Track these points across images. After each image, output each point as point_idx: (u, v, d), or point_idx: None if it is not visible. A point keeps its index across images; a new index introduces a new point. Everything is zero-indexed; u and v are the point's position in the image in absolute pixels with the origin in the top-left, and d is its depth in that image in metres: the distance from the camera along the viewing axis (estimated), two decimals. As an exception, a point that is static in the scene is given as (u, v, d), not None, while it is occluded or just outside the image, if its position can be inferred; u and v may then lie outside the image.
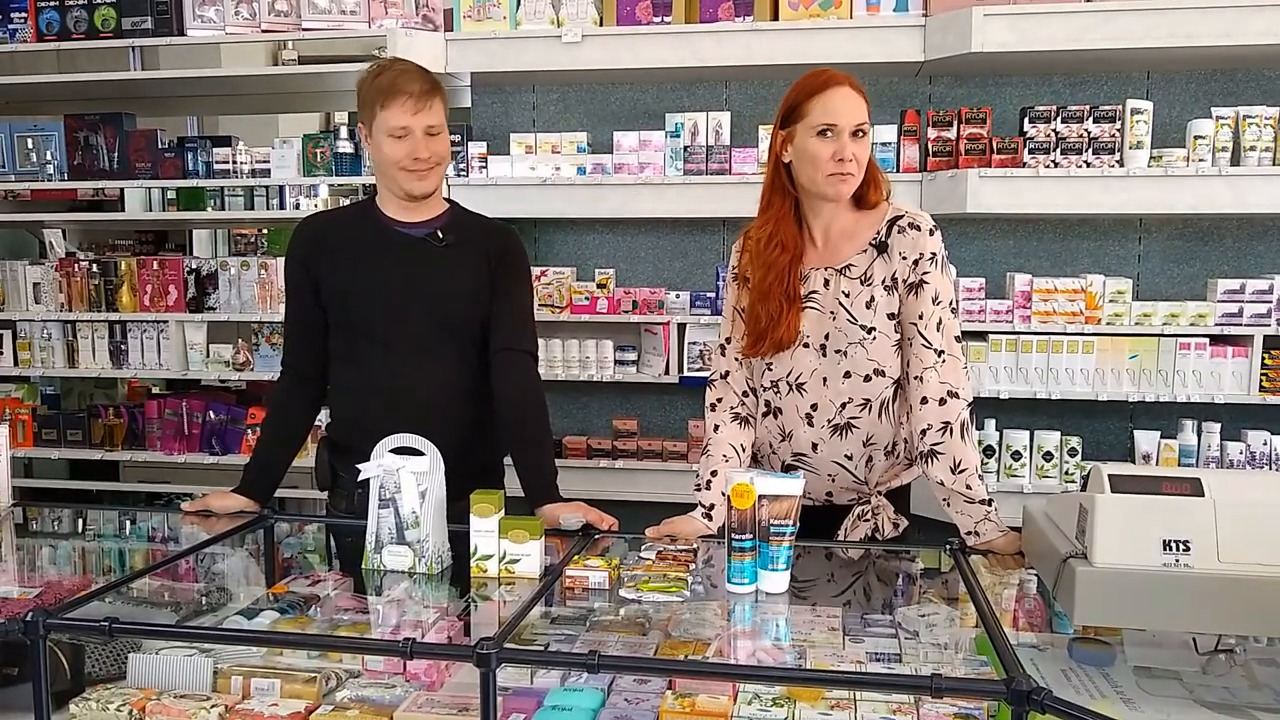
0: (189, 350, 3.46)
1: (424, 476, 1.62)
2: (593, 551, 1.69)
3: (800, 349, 1.78)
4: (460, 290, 1.90)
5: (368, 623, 1.51)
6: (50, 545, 2.05)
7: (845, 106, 1.66)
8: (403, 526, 1.63)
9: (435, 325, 1.90)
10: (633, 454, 3.22)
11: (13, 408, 3.58)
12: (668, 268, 3.39)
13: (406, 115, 1.79)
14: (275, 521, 1.97)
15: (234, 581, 1.82)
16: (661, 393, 3.35)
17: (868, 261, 1.75)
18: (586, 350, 3.24)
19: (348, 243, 1.91)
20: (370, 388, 1.91)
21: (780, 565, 1.52)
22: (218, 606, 1.61)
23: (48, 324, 3.55)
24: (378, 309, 1.88)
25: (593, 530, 1.80)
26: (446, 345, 1.91)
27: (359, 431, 1.80)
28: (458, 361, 1.92)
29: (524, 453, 1.88)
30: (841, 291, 1.76)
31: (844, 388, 1.77)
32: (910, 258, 1.72)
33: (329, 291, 1.92)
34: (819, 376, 1.78)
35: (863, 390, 1.77)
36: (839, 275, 1.76)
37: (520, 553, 1.58)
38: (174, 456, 3.46)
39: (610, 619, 1.44)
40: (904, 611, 1.52)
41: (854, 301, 1.75)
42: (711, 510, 1.82)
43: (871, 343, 1.74)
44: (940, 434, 1.71)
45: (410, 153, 1.81)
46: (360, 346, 1.92)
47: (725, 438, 1.87)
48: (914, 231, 1.73)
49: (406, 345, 1.89)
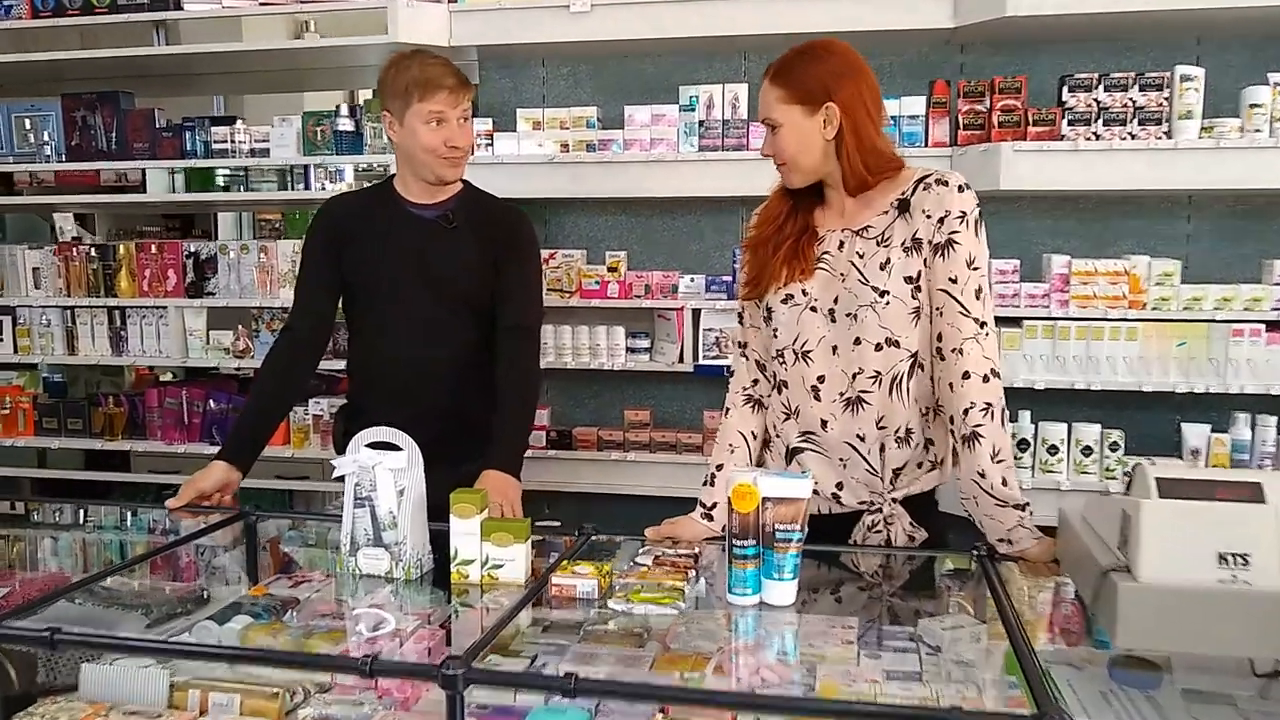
0: (188, 337, 3.42)
1: (402, 474, 1.52)
2: (587, 555, 1.58)
3: (807, 313, 1.67)
4: (466, 269, 2.02)
5: (344, 630, 1.42)
6: (25, 541, 2.00)
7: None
8: (379, 527, 1.53)
9: (443, 302, 2.02)
10: (645, 446, 3.14)
11: (13, 396, 3.55)
12: (682, 250, 3.28)
13: (446, 106, 1.93)
14: (257, 519, 1.90)
15: (215, 581, 1.75)
16: (675, 382, 3.26)
17: (887, 222, 1.64)
18: (597, 337, 3.15)
19: (368, 222, 2.06)
20: (384, 359, 2.06)
21: (787, 575, 1.40)
22: (193, 609, 1.54)
23: (47, 310, 3.52)
24: (391, 285, 2.02)
25: (590, 530, 1.69)
26: (454, 321, 2.03)
27: (374, 400, 2.05)
28: (465, 336, 2.04)
29: (496, 419, 1.94)
30: (855, 253, 1.64)
31: (854, 356, 1.65)
32: (935, 215, 1.59)
33: (350, 267, 2.05)
34: (827, 345, 1.66)
35: (874, 360, 1.64)
36: (855, 236, 1.66)
37: (504, 557, 1.48)
38: (174, 446, 3.41)
39: (605, 629, 1.35)
40: (925, 624, 1.40)
41: (867, 263, 1.63)
42: (714, 510, 1.71)
43: (884, 307, 1.61)
44: (984, 415, 1.57)
45: (447, 140, 1.95)
46: (375, 320, 2.07)
47: (733, 423, 1.78)
48: (940, 188, 1.60)
49: (416, 320, 2.02)
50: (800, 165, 1.65)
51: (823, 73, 1.60)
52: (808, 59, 1.62)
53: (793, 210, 1.71)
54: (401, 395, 2.01)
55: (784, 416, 1.74)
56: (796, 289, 1.68)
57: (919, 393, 1.66)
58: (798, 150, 1.64)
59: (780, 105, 1.63)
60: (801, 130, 1.62)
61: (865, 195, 1.66)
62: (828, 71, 1.60)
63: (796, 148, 1.64)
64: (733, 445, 1.75)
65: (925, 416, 1.67)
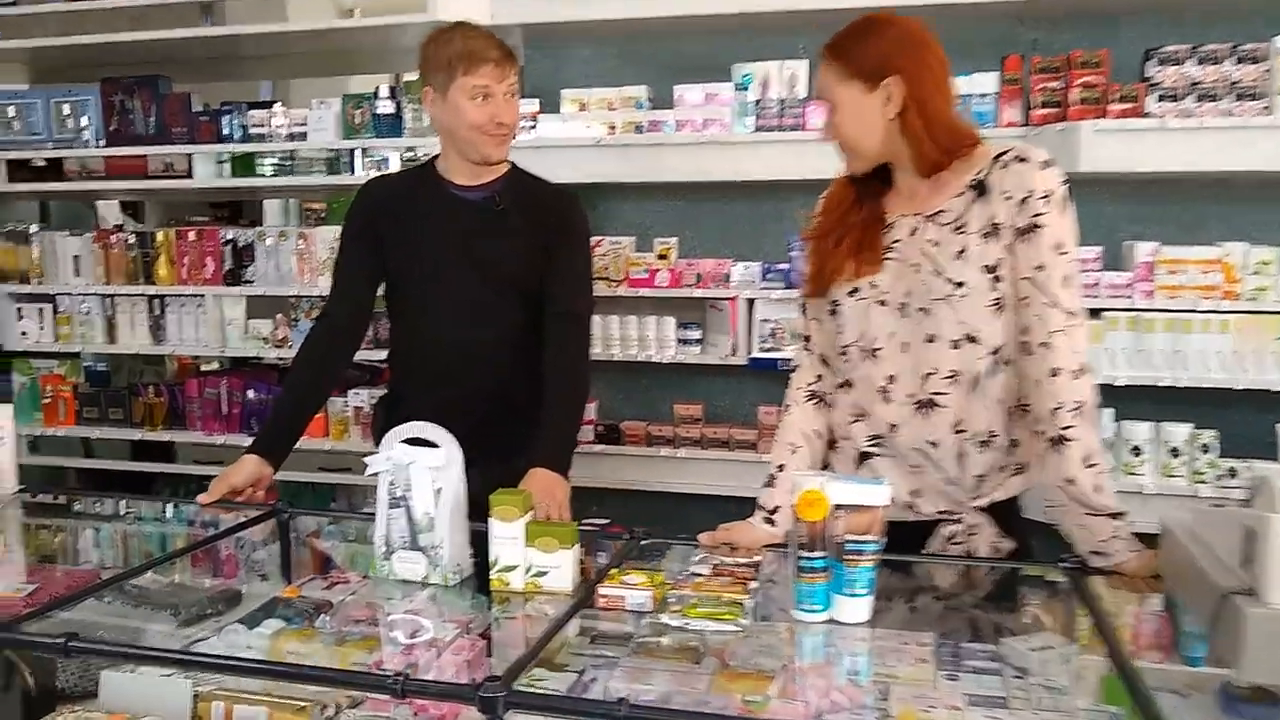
0: (227, 326, 3.39)
1: (439, 473, 1.45)
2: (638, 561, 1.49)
3: (875, 307, 1.56)
4: (514, 255, 1.96)
5: (378, 637, 1.35)
6: (55, 537, 1.96)
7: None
8: (416, 530, 1.45)
9: (489, 283, 1.95)
10: (696, 442, 3.04)
11: (54, 385, 3.56)
12: (736, 236, 3.16)
13: (492, 80, 1.85)
14: (291, 516, 1.84)
15: (248, 580, 1.70)
16: (728, 375, 3.15)
17: (963, 206, 1.51)
18: (646, 328, 3.05)
19: (410, 205, 1.99)
20: (426, 341, 2.00)
21: (860, 590, 1.29)
22: (224, 609, 1.50)
23: (87, 298, 3.52)
24: (434, 266, 1.96)
25: (640, 533, 1.60)
26: (500, 302, 1.97)
27: (415, 389, 2.01)
28: (512, 318, 1.98)
29: (544, 412, 1.87)
30: (928, 240, 1.53)
31: (926, 354, 1.53)
32: (1016, 196, 1.47)
33: (393, 253, 1.99)
34: (897, 341, 1.55)
35: (950, 359, 1.52)
36: (928, 222, 1.54)
37: (549, 564, 1.39)
38: (214, 437, 3.40)
39: (658, 642, 1.26)
40: (1009, 644, 1.29)
41: (942, 251, 1.51)
42: (774, 514, 1.61)
43: (960, 300, 1.49)
44: (1075, 415, 1.44)
45: (493, 116, 1.87)
46: (416, 302, 2.00)
47: (795, 421, 1.67)
48: (1020, 165, 1.48)
49: (461, 301, 1.96)
50: (861, 148, 1.53)
51: (882, 46, 1.49)
52: (865, 32, 1.51)
53: (858, 197, 1.61)
54: (444, 378, 1.96)
55: (852, 418, 1.62)
56: (864, 282, 1.57)
57: (1003, 391, 1.53)
58: (858, 131, 1.52)
59: (837, 83, 1.52)
60: (861, 109, 1.51)
61: (938, 177, 1.54)
62: (887, 45, 1.49)
63: (856, 129, 1.52)
64: (794, 445, 1.65)
65: (1010, 415, 1.55)
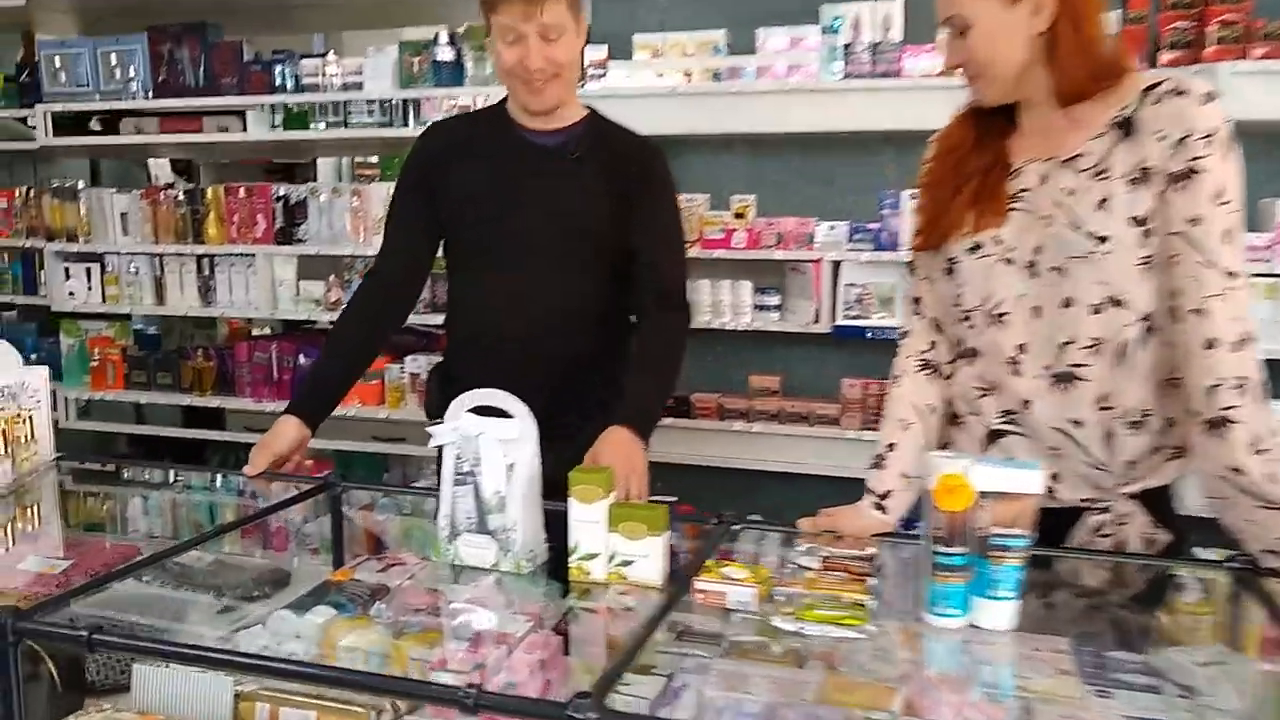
0: (277, 287, 3.31)
1: (512, 446, 1.30)
2: (731, 553, 1.32)
3: (999, 266, 1.37)
4: (592, 209, 1.79)
5: (440, 629, 1.21)
6: (95, 508, 1.91)
7: None
8: (485, 510, 1.31)
9: (563, 243, 1.79)
10: (773, 416, 2.93)
11: (102, 348, 3.51)
12: (821, 194, 3.00)
13: (519, 19, 1.65)
14: (343, 491, 1.69)
15: (297, 559, 1.63)
16: (810, 345, 3.02)
17: (1106, 148, 1.30)
18: (720, 292, 2.93)
19: (476, 150, 1.83)
20: (489, 307, 1.83)
21: (1005, 592, 1.12)
22: (271, 592, 1.43)
23: (135, 257, 3.48)
24: (502, 222, 1.80)
25: (730, 517, 1.43)
26: (575, 266, 1.80)
27: (475, 355, 1.84)
28: (590, 277, 1.81)
29: (631, 376, 1.73)
30: (1063, 189, 1.32)
31: (1063, 320, 1.33)
32: (1172, 135, 1.25)
33: (451, 200, 1.82)
34: (1026, 305, 1.36)
35: (1090, 325, 1.32)
36: (1062, 168, 1.33)
37: (635, 553, 1.24)
38: (263, 404, 3.33)
39: (755, 641, 1.12)
40: (1172, 657, 1.11)
41: (1080, 201, 1.31)
42: (885, 499, 1.44)
43: (1103, 257, 1.29)
44: (1237, 394, 1.23)
45: (520, 59, 1.67)
46: (480, 261, 1.84)
47: (906, 394, 1.50)
48: (1177, 100, 1.25)
49: (530, 263, 1.79)
50: (1001, 70, 1.33)
51: None
52: None
53: (979, 138, 1.42)
54: (509, 344, 1.77)
55: (979, 391, 1.43)
56: (986, 236, 1.38)
57: (1155, 363, 1.32)
58: (998, 51, 1.32)
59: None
60: (1002, 24, 1.30)
61: (1074, 113, 1.33)
62: None
63: (995, 48, 1.31)
64: (905, 420, 1.48)
65: (1164, 391, 1.34)
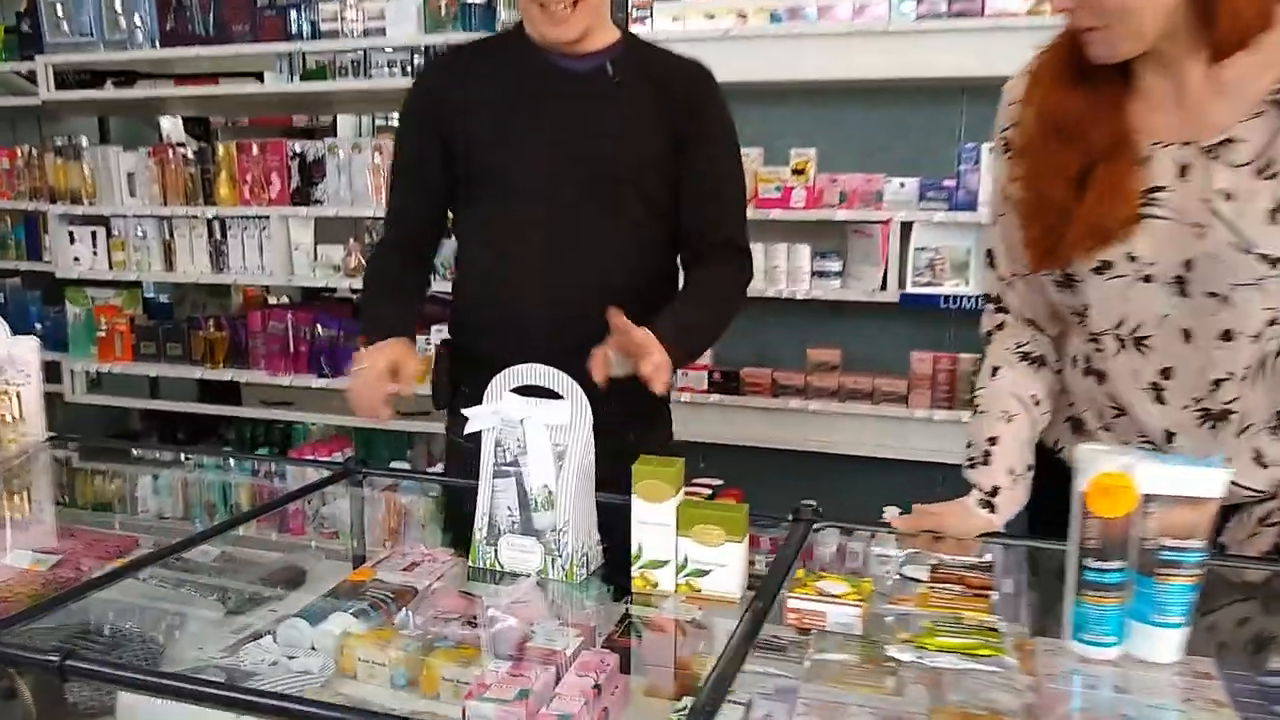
0: (294, 252, 3.17)
1: (563, 433, 1.12)
2: (815, 561, 1.15)
3: (1138, 284, 1.13)
4: (636, 142, 1.52)
5: (477, 643, 1.06)
6: (93, 494, 1.80)
7: None
8: (530, 507, 1.14)
9: (602, 186, 1.52)
10: (833, 394, 2.79)
11: (109, 317, 3.39)
12: (889, 148, 2.86)
13: None
14: (365, 477, 1.54)
15: (313, 554, 1.48)
16: (875, 315, 2.89)
17: (1266, 133, 1.05)
18: (775, 257, 2.79)
19: (490, 78, 1.57)
20: (510, 270, 1.54)
21: (1175, 617, 0.92)
22: (285, 592, 1.29)
23: (143, 220, 3.35)
24: (526, 163, 1.53)
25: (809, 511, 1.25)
26: (612, 214, 1.52)
27: (493, 329, 1.54)
28: (628, 237, 1.54)
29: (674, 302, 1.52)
30: (1217, 190, 1.07)
31: (1222, 354, 1.12)
32: None
33: (461, 142, 1.55)
34: (1173, 326, 1.13)
35: (1248, 354, 1.12)
36: (1209, 159, 1.07)
37: (711, 561, 1.07)
38: (279, 377, 3.20)
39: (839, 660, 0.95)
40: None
41: (1243, 210, 1.05)
42: (995, 498, 1.24)
43: (1277, 282, 1.06)
44: None
45: None
46: (498, 215, 1.55)
47: (1008, 385, 1.29)
48: None
49: (555, 211, 1.52)
50: (1143, 15, 1.04)
51: None
52: None
53: (1092, 109, 1.13)
54: (532, 321, 1.49)
55: (1099, 409, 1.24)
56: (1117, 253, 1.13)
57: None
58: None
59: None
60: None
61: (1221, 73, 1.07)
62: None
63: None
64: (1008, 412, 1.27)
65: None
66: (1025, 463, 1.23)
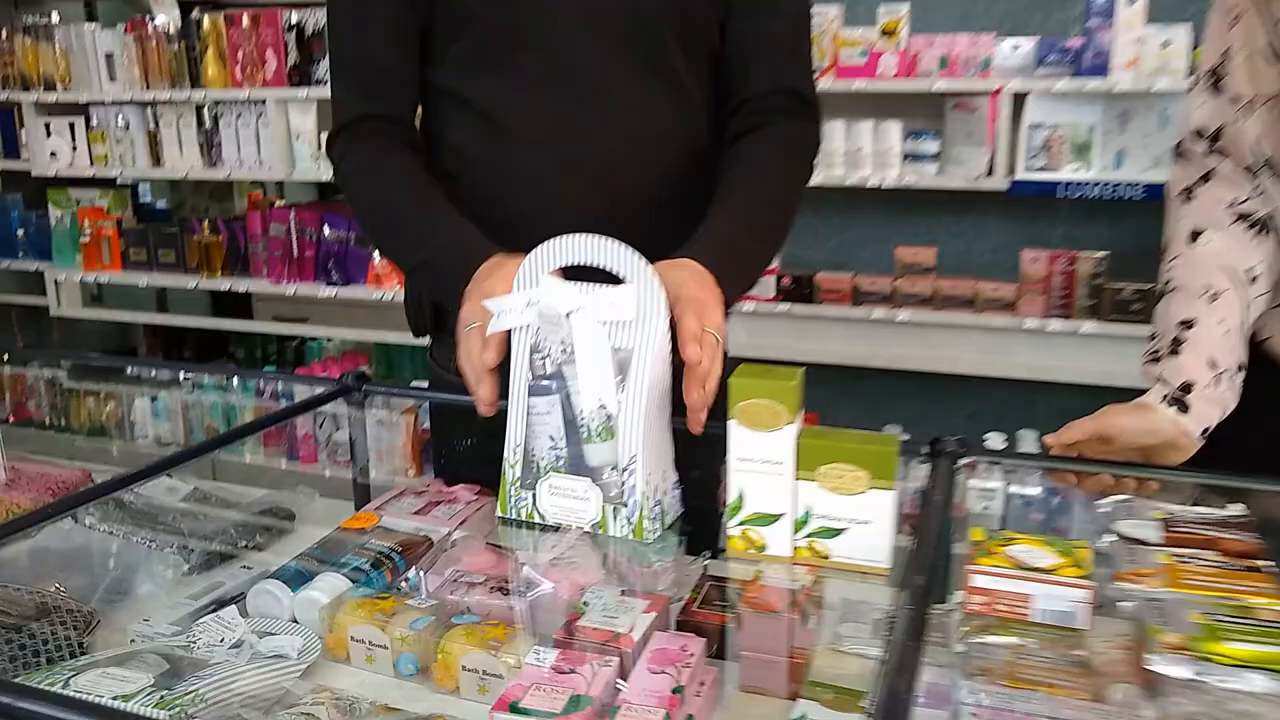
0: (294, 141, 2.91)
1: (627, 331, 0.83)
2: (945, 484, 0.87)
3: None
4: None
5: (511, 620, 0.84)
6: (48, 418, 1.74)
7: None
8: (582, 438, 0.85)
9: (632, 30, 1.17)
10: (926, 300, 2.57)
11: (93, 220, 3.18)
12: (997, 1, 2.58)
13: None
14: (366, 395, 1.26)
15: (301, 496, 1.24)
16: (978, 207, 2.67)
17: None
18: (858, 137, 2.54)
19: None
20: (513, 147, 1.19)
21: None
22: (265, 542, 1.12)
23: (124, 108, 3.09)
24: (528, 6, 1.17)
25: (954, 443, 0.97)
26: (651, 67, 1.18)
27: (487, 226, 1.14)
28: (669, 95, 1.19)
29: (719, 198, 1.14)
30: None
31: None
32: None
33: None
34: None
35: None
36: None
37: (849, 515, 0.81)
38: (283, 286, 2.97)
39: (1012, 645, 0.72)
40: None
41: None
42: (1187, 395, 0.99)
43: None
44: None
45: None
46: (494, 77, 1.20)
47: (1213, 255, 1.06)
48: None
49: (580, 67, 1.17)
50: None
51: None
52: None
53: None
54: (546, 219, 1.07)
55: None
56: None
57: None
58: None
59: None
60: None
61: None
62: None
63: None
64: (1213, 288, 1.04)
65: None
66: (1235, 357, 1.01)
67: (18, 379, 1.87)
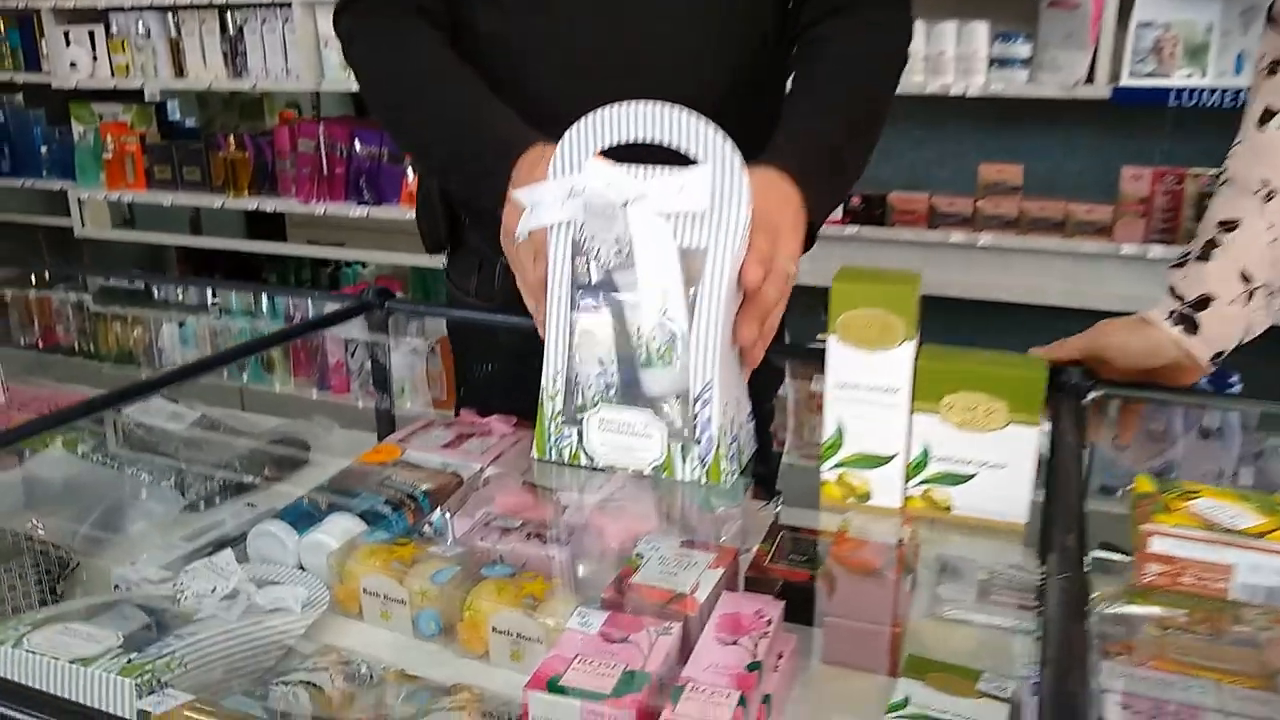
0: (323, 49, 2.79)
1: (698, 226, 0.70)
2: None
3: None
4: None
5: (555, 572, 0.75)
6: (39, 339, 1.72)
7: None
8: (639, 360, 0.73)
9: None
10: (1012, 223, 2.46)
11: (116, 135, 3.11)
12: None
13: None
14: (389, 313, 1.18)
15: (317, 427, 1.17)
16: (1076, 117, 2.51)
17: None
18: (940, 40, 2.40)
19: None
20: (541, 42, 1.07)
21: None
22: (276, 476, 1.04)
23: (145, 13, 3.01)
24: None
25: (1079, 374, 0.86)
26: None
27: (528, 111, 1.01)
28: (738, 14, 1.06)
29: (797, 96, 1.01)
30: None
31: None
32: None
33: None
34: None
35: None
36: None
37: (982, 457, 0.68)
38: (313, 205, 2.88)
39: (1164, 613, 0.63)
40: None
41: None
42: (1200, 312, 0.89)
43: None
44: None
45: None
46: None
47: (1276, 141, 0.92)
48: None
49: None
50: None
51: None
52: None
53: None
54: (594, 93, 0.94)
55: None
56: None
57: None
58: None
59: None
60: None
61: None
62: None
63: None
64: (1271, 185, 0.90)
65: None
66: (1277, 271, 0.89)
67: (44, 302, 1.84)
